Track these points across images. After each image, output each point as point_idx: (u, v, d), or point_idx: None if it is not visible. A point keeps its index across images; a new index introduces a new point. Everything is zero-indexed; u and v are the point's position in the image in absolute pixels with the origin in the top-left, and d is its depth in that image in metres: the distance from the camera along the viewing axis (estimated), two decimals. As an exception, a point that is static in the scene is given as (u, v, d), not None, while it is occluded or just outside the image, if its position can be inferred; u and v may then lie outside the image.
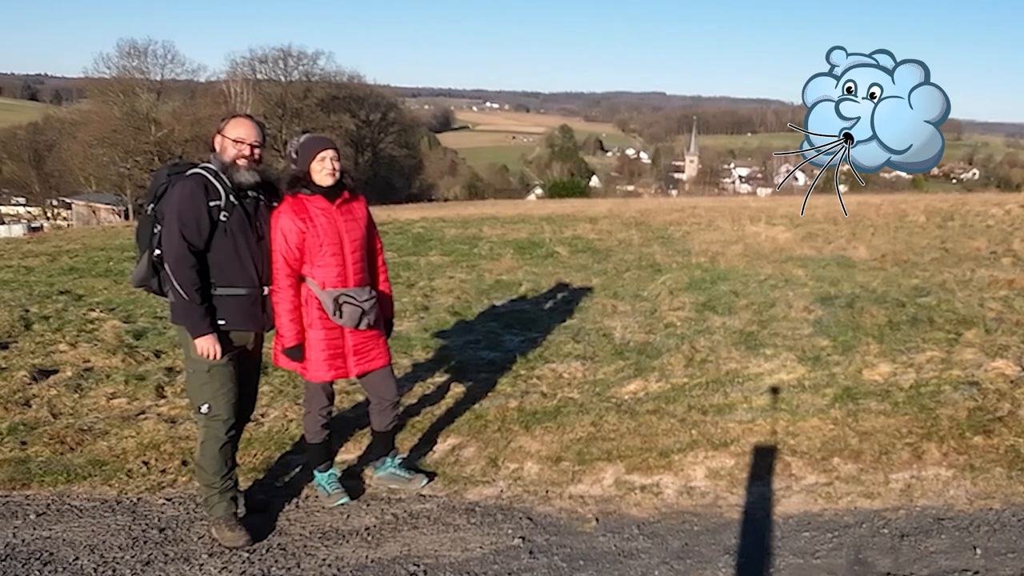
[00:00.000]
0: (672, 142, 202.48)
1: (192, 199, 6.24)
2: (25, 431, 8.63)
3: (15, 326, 12.37)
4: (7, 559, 6.45)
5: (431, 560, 6.46)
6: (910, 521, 6.91)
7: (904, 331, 10.91)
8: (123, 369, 10.29)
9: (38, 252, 21.75)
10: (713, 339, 10.95)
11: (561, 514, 7.17)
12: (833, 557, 6.41)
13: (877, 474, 7.62)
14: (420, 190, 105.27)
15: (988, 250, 16.81)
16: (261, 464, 8.02)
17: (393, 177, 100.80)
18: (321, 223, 6.66)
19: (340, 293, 6.76)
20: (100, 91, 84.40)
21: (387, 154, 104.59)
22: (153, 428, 8.67)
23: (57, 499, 7.46)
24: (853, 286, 13.79)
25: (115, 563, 6.42)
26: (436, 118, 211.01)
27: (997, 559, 6.29)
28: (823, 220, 22.20)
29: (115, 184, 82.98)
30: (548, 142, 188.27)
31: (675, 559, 6.44)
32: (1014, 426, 8.13)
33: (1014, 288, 13.12)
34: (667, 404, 8.94)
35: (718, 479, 7.64)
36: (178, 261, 6.22)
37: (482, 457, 8.11)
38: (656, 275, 15.44)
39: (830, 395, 8.95)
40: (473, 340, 11.47)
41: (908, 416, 8.44)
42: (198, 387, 6.56)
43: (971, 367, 9.44)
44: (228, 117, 6.58)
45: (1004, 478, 7.45)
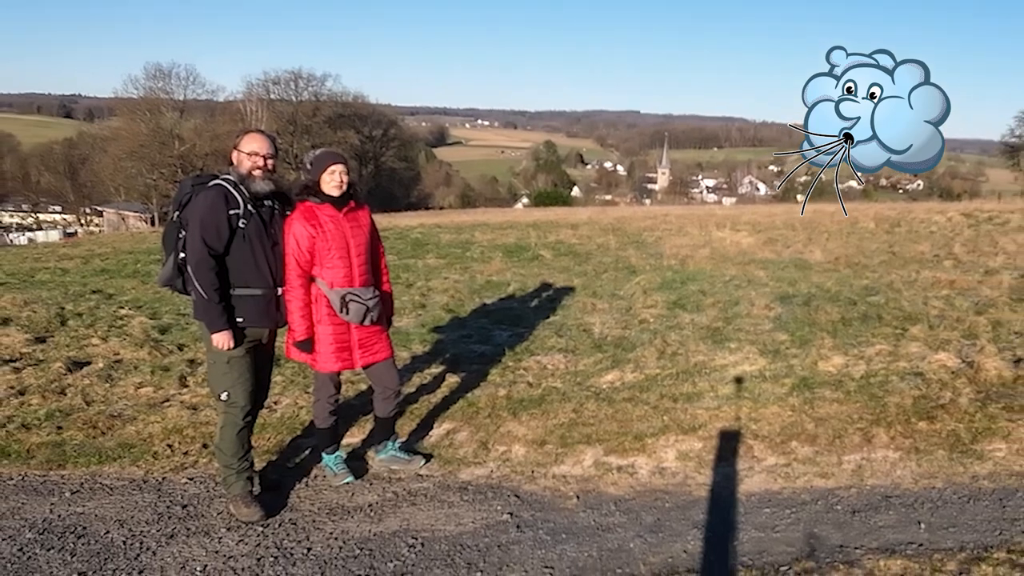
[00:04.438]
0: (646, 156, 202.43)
1: (213, 208, 6.27)
2: (61, 417, 8.63)
3: (52, 322, 12.35)
4: (45, 532, 6.46)
5: (428, 534, 6.46)
6: (860, 499, 6.92)
7: (855, 327, 10.93)
8: (149, 361, 10.27)
9: (73, 255, 21.69)
10: (683, 334, 10.95)
11: (545, 492, 7.17)
12: (791, 531, 6.42)
13: (831, 456, 7.63)
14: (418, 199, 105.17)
15: (931, 253, 16.83)
16: (274, 447, 8.02)
17: (393, 187, 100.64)
18: (329, 229, 6.69)
19: (347, 292, 6.79)
20: (129, 110, 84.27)
21: (388, 167, 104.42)
22: (177, 414, 8.67)
23: (90, 478, 7.46)
24: (809, 286, 13.80)
25: (142, 536, 6.43)
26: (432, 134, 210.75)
27: (939, 533, 6.30)
28: (782, 226, 22.22)
29: (142, 194, 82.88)
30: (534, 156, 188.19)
31: (648, 533, 6.45)
32: (955, 413, 8.15)
33: (955, 288, 13.14)
34: (641, 393, 8.95)
35: (687, 461, 7.65)
36: (199, 264, 6.25)
37: (474, 440, 8.11)
38: (631, 276, 15.42)
39: (788, 385, 8.96)
40: (466, 335, 11.46)
41: (859, 404, 8.45)
42: (218, 377, 6.59)
43: (916, 359, 9.45)
44: (243, 133, 6.59)
45: (946, 460, 7.47)
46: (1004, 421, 7.97)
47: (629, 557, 6.12)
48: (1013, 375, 8.90)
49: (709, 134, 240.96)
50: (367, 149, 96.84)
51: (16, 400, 9.05)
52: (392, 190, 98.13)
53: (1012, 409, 8.17)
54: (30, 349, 10.85)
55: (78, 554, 6.19)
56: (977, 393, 8.55)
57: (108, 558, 6.13)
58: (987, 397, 8.47)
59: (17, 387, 9.39)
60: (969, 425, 7.94)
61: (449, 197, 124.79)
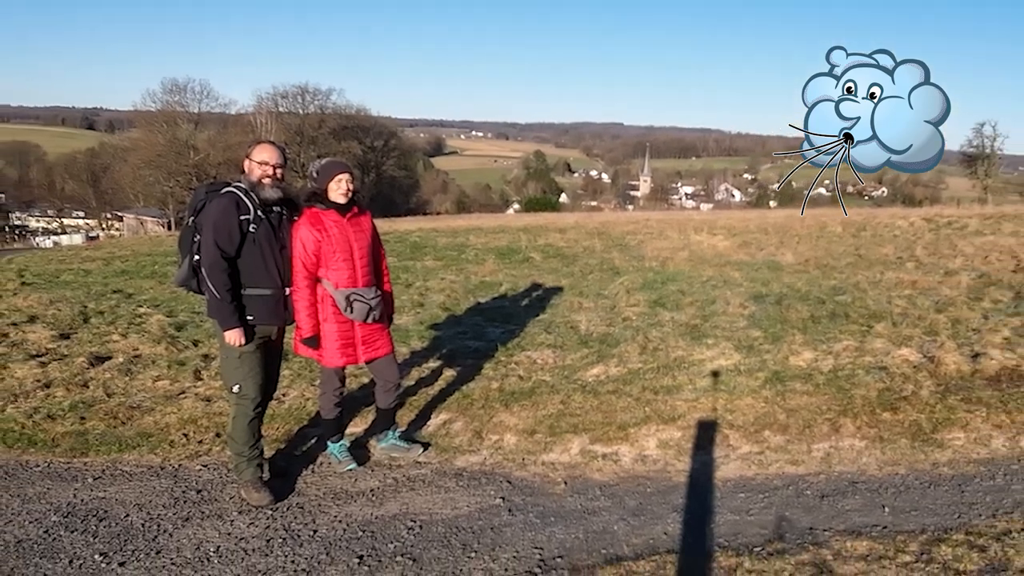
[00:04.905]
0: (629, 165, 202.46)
1: (226, 213, 6.30)
2: (83, 408, 8.62)
3: (75, 320, 12.34)
4: (69, 516, 6.47)
5: (426, 517, 6.47)
6: (829, 484, 6.94)
7: (824, 324, 10.94)
8: (166, 356, 10.27)
9: (95, 257, 21.66)
10: (663, 331, 10.95)
11: (535, 478, 7.18)
12: (764, 515, 6.43)
13: (801, 444, 7.64)
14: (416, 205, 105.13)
15: (895, 256, 16.84)
16: (283, 436, 8.03)
17: (393, 194, 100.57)
18: (334, 233, 6.71)
19: (351, 292, 6.81)
20: (147, 122, 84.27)
21: (388, 175, 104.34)
22: (192, 406, 8.67)
23: (111, 465, 7.47)
24: (781, 286, 13.81)
25: (159, 519, 6.44)
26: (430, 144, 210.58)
27: (902, 516, 6.32)
28: (756, 230, 22.23)
29: (159, 200, 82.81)
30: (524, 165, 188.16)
31: (631, 516, 6.46)
32: (916, 404, 8.16)
33: (917, 288, 13.16)
34: (624, 385, 8.95)
35: (667, 449, 7.65)
36: (212, 266, 6.28)
37: (468, 430, 8.11)
38: (615, 277, 15.42)
39: (762, 378, 8.96)
40: (461, 332, 11.45)
41: (827, 395, 8.46)
42: (230, 371, 6.60)
43: (880, 354, 9.46)
44: (255, 143, 6.62)
45: (908, 448, 7.48)
46: (962, 412, 7.99)
47: (613, 539, 6.12)
48: (971, 369, 8.92)
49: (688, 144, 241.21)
50: (369, 159, 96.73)
51: (42, 392, 9.05)
52: (392, 197, 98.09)
53: (970, 401, 8.19)
54: (55, 345, 10.85)
55: (100, 536, 6.20)
56: (937, 386, 8.56)
57: (128, 539, 6.14)
58: (947, 390, 8.48)
59: (43, 380, 9.38)
60: (930, 416, 7.96)
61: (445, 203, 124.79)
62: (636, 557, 5.83)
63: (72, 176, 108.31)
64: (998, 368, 8.89)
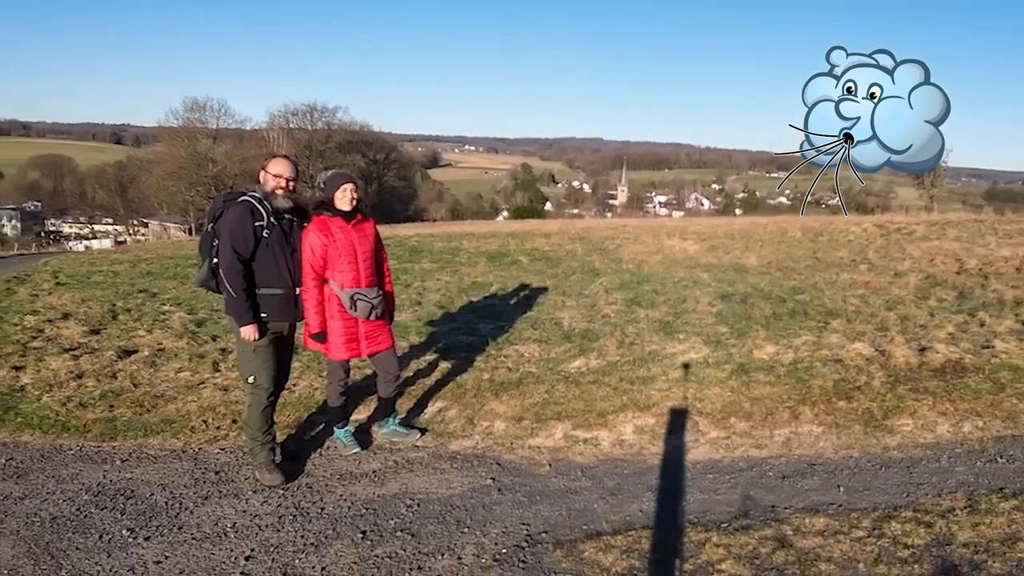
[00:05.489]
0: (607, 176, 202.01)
1: (242, 220, 6.33)
2: (112, 397, 8.62)
3: (105, 317, 12.32)
4: (99, 495, 6.49)
5: (423, 496, 6.47)
6: (789, 466, 6.95)
7: (785, 321, 10.95)
8: (187, 349, 10.25)
9: (122, 260, 21.59)
10: (639, 327, 10.96)
11: (522, 461, 7.18)
12: (730, 494, 6.44)
13: (764, 430, 7.65)
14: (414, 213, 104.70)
15: (849, 259, 16.85)
16: (293, 422, 8.02)
17: (394, 203, 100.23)
18: (340, 239, 6.73)
19: (355, 292, 6.83)
20: (170, 137, 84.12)
21: (389, 185, 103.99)
22: (210, 395, 8.67)
23: (137, 449, 7.47)
24: (746, 286, 13.82)
25: (181, 498, 6.45)
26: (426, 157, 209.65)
27: (856, 495, 6.33)
28: (723, 236, 22.21)
29: (181, 208, 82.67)
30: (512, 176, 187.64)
31: (610, 495, 6.47)
32: (869, 393, 8.18)
33: (869, 288, 13.17)
34: (604, 376, 8.95)
35: (643, 434, 7.66)
36: (229, 268, 6.30)
37: (462, 417, 8.11)
38: (595, 278, 15.41)
39: (728, 369, 8.97)
40: (455, 328, 11.44)
41: (788, 386, 8.47)
42: (245, 363, 6.62)
43: (836, 348, 9.48)
44: (269, 157, 6.65)
45: (861, 433, 7.50)
46: (911, 401, 8.01)
47: (593, 516, 6.13)
48: (918, 362, 8.94)
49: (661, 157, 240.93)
50: (371, 170, 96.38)
51: (75, 382, 9.05)
52: (393, 205, 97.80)
53: (917, 391, 8.20)
54: (87, 339, 10.83)
55: (127, 513, 6.21)
56: (888, 377, 8.58)
57: (152, 516, 6.15)
58: (896, 380, 8.50)
59: (76, 371, 9.37)
60: (881, 404, 7.97)
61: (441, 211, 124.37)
62: (614, 532, 5.84)
63: (102, 186, 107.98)
64: (943, 361, 8.91)
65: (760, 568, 5.27)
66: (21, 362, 9.78)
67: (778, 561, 5.32)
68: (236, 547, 5.72)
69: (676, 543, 5.66)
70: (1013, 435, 7.42)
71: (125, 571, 5.42)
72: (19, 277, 18.00)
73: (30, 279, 17.46)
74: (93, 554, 5.63)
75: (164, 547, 5.72)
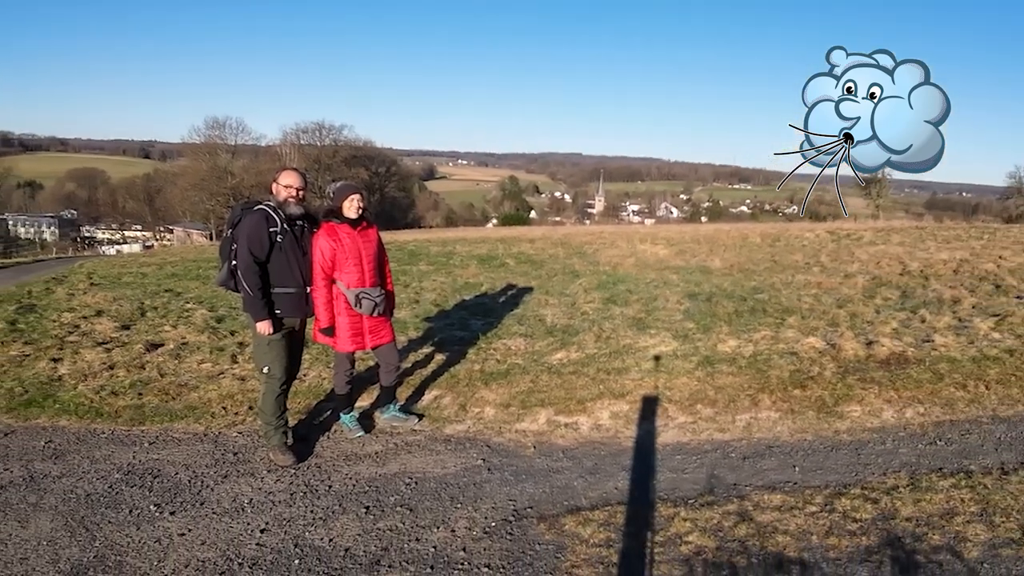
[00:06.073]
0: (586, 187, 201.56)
1: (258, 226, 6.36)
2: (141, 385, 8.60)
3: (134, 314, 12.29)
4: (129, 473, 6.50)
5: (420, 475, 6.47)
6: (750, 448, 6.96)
7: (746, 317, 10.96)
8: (209, 343, 10.23)
9: (150, 263, 21.56)
10: (614, 323, 10.96)
11: (510, 443, 7.18)
12: (696, 473, 6.45)
13: (727, 416, 7.66)
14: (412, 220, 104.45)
15: (804, 262, 16.87)
16: (303, 408, 8.01)
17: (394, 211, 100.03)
18: (347, 243, 6.75)
19: (360, 291, 6.85)
20: (192, 152, 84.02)
21: (390, 195, 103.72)
22: (229, 384, 8.65)
23: (163, 433, 7.46)
24: (711, 286, 13.82)
25: (203, 476, 6.45)
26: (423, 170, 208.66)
27: (809, 474, 6.35)
28: (690, 241, 22.21)
29: (203, 216, 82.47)
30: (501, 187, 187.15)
31: (588, 474, 6.47)
32: (821, 383, 8.19)
33: (821, 288, 13.19)
34: (583, 367, 8.95)
35: (618, 419, 7.66)
36: (247, 269, 6.32)
37: (455, 404, 8.10)
38: (575, 279, 15.40)
39: (695, 361, 8.98)
40: (449, 323, 11.43)
41: (748, 376, 8.48)
42: (261, 355, 6.63)
43: (792, 342, 9.49)
44: (281, 169, 6.69)
45: (814, 418, 7.51)
46: (859, 389, 8.02)
47: (573, 492, 6.14)
48: (866, 354, 8.95)
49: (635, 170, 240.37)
50: (374, 182, 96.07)
51: (107, 373, 9.03)
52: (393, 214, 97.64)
53: (865, 380, 8.22)
54: (118, 334, 10.80)
55: (154, 490, 6.22)
56: (838, 368, 8.59)
57: (177, 493, 6.15)
58: (846, 371, 8.51)
59: (108, 363, 9.36)
60: (832, 392, 7.98)
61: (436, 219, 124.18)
62: (592, 507, 5.85)
63: (131, 196, 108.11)
64: (888, 353, 8.92)
65: (723, 540, 5.28)
66: (59, 354, 9.76)
67: (740, 534, 5.33)
68: (252, 521, 5.71)
69: (648, 517, 5.67)
70: (951, 420, 7.44)
71: (152, 542, 5.42)
72: (57, 278, 18.00)
73: (67, 280, 17.45)
74: (124, 527, 5.63)
75: (187, 521, 5.71)
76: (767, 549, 5.14)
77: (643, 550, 5.22)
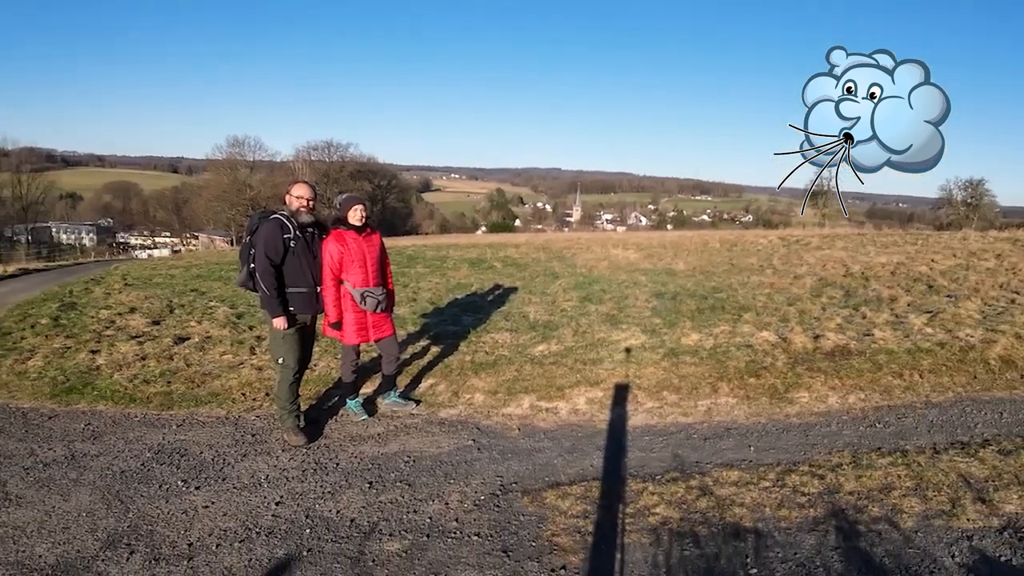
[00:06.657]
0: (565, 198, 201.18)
1: (273, 233, 6.38)
2: (169, 375, 8.58)
3: (163, 311, 12.24)
4: (159, 453, 6.50)
5: (417, 454, 6.48)
6: (710, 430, 6.98)
7: (707, 314, 10.96)
8: (230, 337, 10.20)
9: (178, 266, 21.47)
10: (590, 319, 10.95)
11: (497, 426, 7.19)
12: (663, 452, 6.47)
13: (690, 401, 7.68)
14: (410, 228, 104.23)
15: (758, 264, 16.86)
16: (314, 395, 8.01)
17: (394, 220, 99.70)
18: (353, 247, 6.78)
19: (364, 290, 6.89)
20: (215, 167, 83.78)
21: (391, 206, 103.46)
22: (248, 373, 8.63)
23: (189, 416, 7.45)
24: (676, 286, 13.82)
25: (225, 455, 6.44)
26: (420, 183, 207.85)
27: (763, 453, 6.38)
28: (657, 246, 22.20)
29: (225, 224, 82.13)
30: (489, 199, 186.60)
31: (567, 453, 6.48)
32: (773, 372, 8.21)
33: (774, 288, 13.20)
34: (562, 358, 8.95)
35: (593, 405, 7.67)
36: (264, 271, 6.34)
37: (448, 391, 8.10)
38: (555, 280, 15.37)
39: (661, 353, 8.99)
40: (443, 319, 11.41)
41: (709, 366, 8.50)
42: (276, 347, 6.65)
43: (747, 336, 9.51)
44: (293, 182, 6.72)
45: (768, 404, 7.54)
46: (807, 378, 8.05)
47: (554, 469, 6.15)
48: (813, 347, 8.97)
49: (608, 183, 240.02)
50: (377, 194, 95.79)
51: (139, 363, 9.00)
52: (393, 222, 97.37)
53: (812, 370, 8.24)
54: (149, 329, 10.76)
55: (182, 467, 6.21)
56: (789, 359, 8.61)
57: (202, 470, 6.15)
58: (795, 362, 8.53)
59: (140, 354, 9.32)
60: (783, 380, 8.01)
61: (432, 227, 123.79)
62: (570, 483, 5.86)
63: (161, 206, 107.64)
64: (833, 346, 8.95)
65: (687, 511, 5.29)
66: (97, 347, 9.73)
67: (701, 506, 5.35)
68: (269, 495, 5.71)
69: (620, 491, 5.68)
70: (888, 405, 7.49)
71: (180, 514, 5.41)
72: (95, 279, 17.92)
73: (104, 281, 17.36)
74: (154, 500, 5.63)
75: (211, 495, 5.71)
76: (725, 519, 5.16)
77: (615, 520, 5.23)
